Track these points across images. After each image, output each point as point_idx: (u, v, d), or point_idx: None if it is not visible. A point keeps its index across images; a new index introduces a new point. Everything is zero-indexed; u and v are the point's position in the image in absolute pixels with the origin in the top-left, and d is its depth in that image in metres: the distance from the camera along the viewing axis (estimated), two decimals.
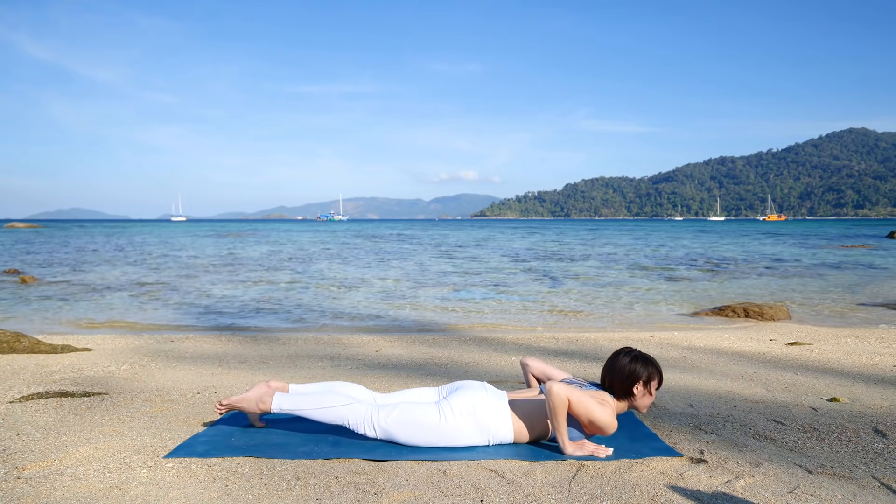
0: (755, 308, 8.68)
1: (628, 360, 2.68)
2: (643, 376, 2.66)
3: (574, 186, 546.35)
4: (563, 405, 2.47)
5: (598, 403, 2.56)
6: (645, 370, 2.67)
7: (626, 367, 2.66)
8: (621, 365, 2.68)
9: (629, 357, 2.69)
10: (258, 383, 2.90)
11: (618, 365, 2.69)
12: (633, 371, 2.66)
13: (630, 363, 2.67)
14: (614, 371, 2.69)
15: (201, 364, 4.79)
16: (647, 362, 2.68)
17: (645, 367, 2.67)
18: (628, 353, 2.71)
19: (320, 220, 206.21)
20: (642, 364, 2.67)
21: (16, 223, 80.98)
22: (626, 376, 2.66)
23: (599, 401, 2.59)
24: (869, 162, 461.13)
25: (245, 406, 2.68)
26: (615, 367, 2.69)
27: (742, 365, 4.82)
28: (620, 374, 2.67)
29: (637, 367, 2.66)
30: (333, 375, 4.33)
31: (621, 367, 2.67)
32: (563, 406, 2.47)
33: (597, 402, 2.55)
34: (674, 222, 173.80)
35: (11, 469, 2.32)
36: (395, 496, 2.11)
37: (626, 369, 2.66)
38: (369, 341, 6.23)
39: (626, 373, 2.66)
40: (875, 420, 3.02)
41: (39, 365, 4.55)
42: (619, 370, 2.67)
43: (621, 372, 2.67)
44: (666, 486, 2.20)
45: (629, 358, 2.69)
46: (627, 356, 2.69)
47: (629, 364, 2.67)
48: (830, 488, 2.19)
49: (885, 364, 4.83)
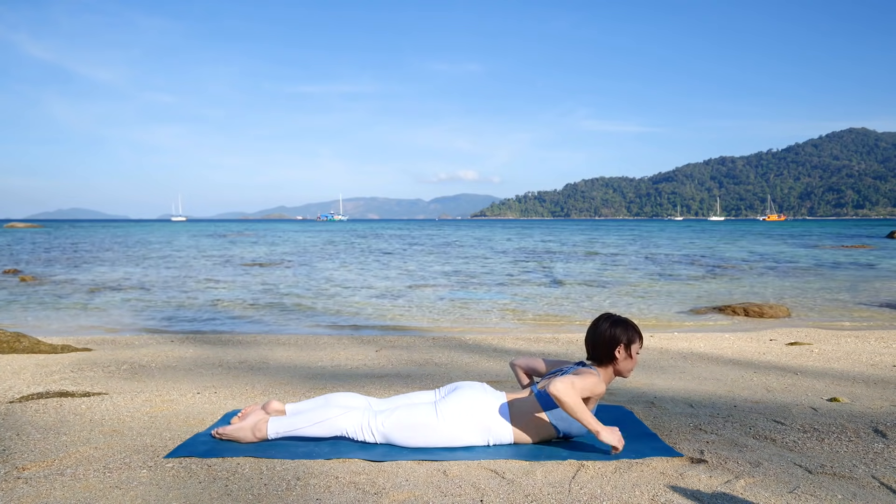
0: (755, 308, 8.68)
1: (608, 325, 2.71)
2: (623, 339, 2.69)
3: (574, 186, 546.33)
4: (576, 402, 2.49)
5: (586, 379, 2.58)
6: (625, 333, 2.70)
7: (607, 332, 2.70)
8: (601, 330, 2.71)
9: (608, 322, 2.72)
10: (253, 407, 2.86)
11: (598, 331, 2.72)
12: (613, 335, 2.69)
13: (610, 328, 2.70)
14: (596, 337, 2.72)
15: (201, 364, 4.79)
16: (626, 326, 2.72)
17: (625, 331, 2.70)
18: (608, 318, 2.75)
19: (320, 220, 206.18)
20: (622, 328, 2.70)
21: (16, 223, 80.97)
22: (608, 341, 2.69)
23: (585, 375, 2.61)
24: (869, 162, 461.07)
25: (241, 436, 2.63)
26: (596, 334, 2.72)
27: (742, 365, 4.81)
28: (602, 339, 2.70)
29: (617, 330, 2.69)
30: (333, 376, 4.33)
31: (602, 333, 2.70)
32: (577, 402, 2.49)
33: (586, 379, 2.57)
34: (674, 222, 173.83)
35: (11, 469, 2.32)
36: (395, 496, 2.11)
37: (606, 334, 2.69)
38: (369, 341, 6.23)
39: (607, 337, 2.69)
40: (875, 420, 3.02)
41: (39, 365, 4.55)
42: (600, 336, 2.71)
43: (602, 337, 2.70)
44: (666, 486, 2.20)
45: (608, 323, 2.72)
46: (607, 321, 2.73)
47: (609, 329, 2.70)
48: (830, 488, 2.19)
49: (885, 364, 4.83)
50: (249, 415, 2.75)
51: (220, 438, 2.65)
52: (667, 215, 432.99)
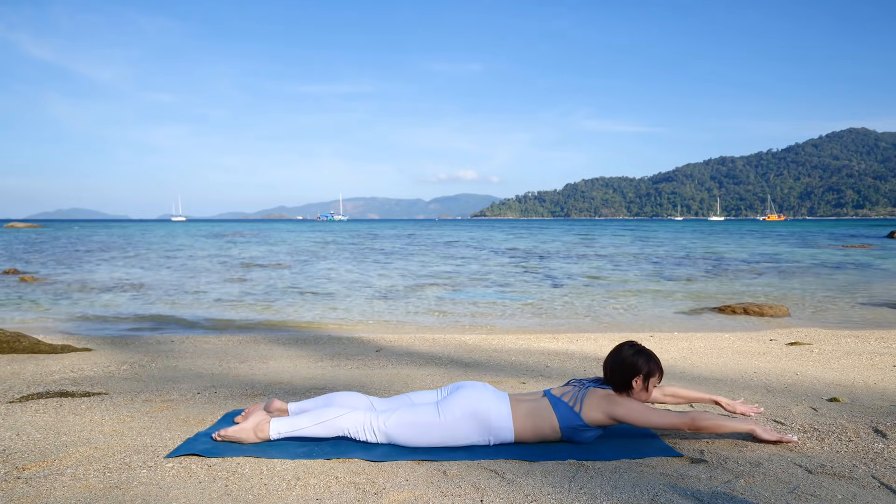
0: (755, 308, 8.68)
1: (631, 353, 2.68)
2: (643, 370, 2.67)
3: (574, 186, 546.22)
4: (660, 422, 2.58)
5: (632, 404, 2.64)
6: (646, 365, 2.67)
7: (628, 360, 2.67)
8: (623, 357, 2.68)
9: (632, 350, 2.70)
10: (255, 407, 2.85)
11: (620, 357, 2.69)
12: (634, 364, 2.66)
13: (633, 356, 2.67)
14: (615, 363, 2.69)
15: (202, 364, 4.79)
16: (649, 358, 2.69)
17: (647, 363, 2.68)
18: (632, 346, 2.72)
19: (320, 220, 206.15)
20: (644, 359, 2.68)
21: (16, 223, 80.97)
22: (627, 368, 2.66)
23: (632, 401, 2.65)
24: (869, 162, 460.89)
25: (244, 437, 2.61)
26: (617, 359, 2.69)
27: (742, 365, 4.81)
28: (621, 366, 2.67)
29: (639, 360, 2.67)
30: (333, 375, 4.33)
31: (623, 360, 2.68)
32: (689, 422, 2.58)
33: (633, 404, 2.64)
34: (674, 222, 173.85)
35: (11, 469, 2.32)
36: (395, 496, 2.11)
37: (627, 361, 2.67)
38: (369, 341, 6.23)
39: (627, 365, 2.67)
40: (875, 420, 3.02)
41: (39, 365, 4.55)
42: (621, 362, 2.68)
43: (622, 364, 2.67)
44: (666, 486, 2.20)
45: (632, 351, 2.69)
46: (631, 349, 2.70)
47: (631, 357, 2.67)
48: (830, 488, 2.19)
49: (885, 364, 4.83)
50: (251, 414, 2.75)
51: (223, 441, 2.64)
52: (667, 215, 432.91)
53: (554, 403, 2.64)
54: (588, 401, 2.62)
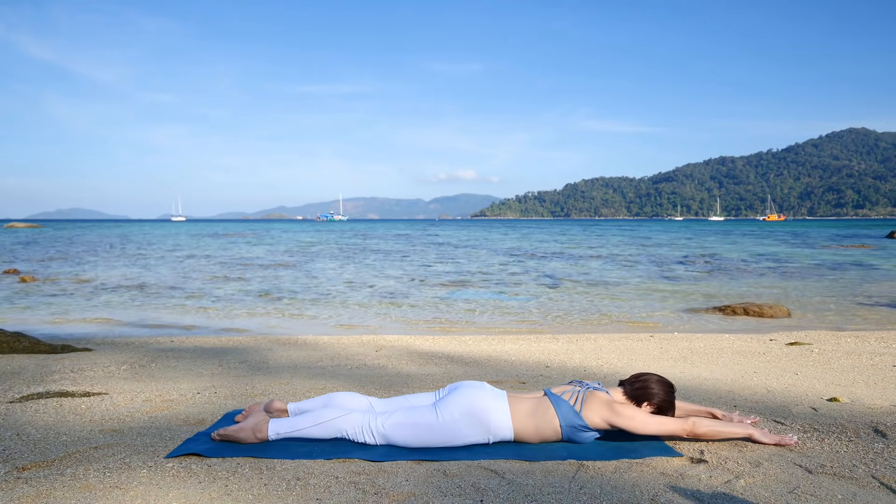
0: (755, 308, 8.68)
1: (656, 380, 2.76)
2: (656, 399, 2.72)
3: (574, 186, 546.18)
4: (669, 430, 2.60)
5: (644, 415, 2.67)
6: (664, 397, 2.73)
7: (651, 383, 2.74)
8: (648, 381, 2.76)
9: (659, 382, 2.76)
10: (255, 407, 2.85)
11: (646, 379, 2.77)
12: (653, 390, 2.73)
13: (657, 384, 2.74)
14: (640, 380, 2.77)
15: (201, 364, 4.79)
16: (669, 391, 2.75)
17: (667, 394, 2.74)
18: (660, 378, 2.79)
19: (320, 220, 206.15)
20: (665, 391, 2.74)
21: (16, 223, 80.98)
22: (645, 389, 2.73)
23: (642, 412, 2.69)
24: (869, 162, 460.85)
25: (242, 437, 2.62)
26: (643, 378, 2.77)
27: (742, 365, 4.81)
28: (642, 384, 2.74)
29: (660, 389, 2.73)
30: (333, 375, 4.33)
31: (646, 380, 2.76)
32: (689, 428, 2.61)
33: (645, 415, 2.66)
34: (674, 222, 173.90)
35: (11, 469, 2.32)
36: (395, 496, 2.11)
37: (649, 383, 2.74)
38: (369, 341, 6.23)
39: (647, 386, 2.74)
40: (875, 420, 3.02)
41: (39, 365, 4.55)
42: (644, 381, 2.75)
43: (644, 383, 2.75)
44: (666, 486, 2.20)
45: (658, 382, 2.76)
46: (658, 381, 2.77)
47: (655, 384, 2.74)
48: (830, 488, 2.19)
49: (885, 364, 4.83)
50: (251, 414, 2.75)
51: (221, 440, 2.64)
52: (667, 215, 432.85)
53: (555, 402, 2.65)
54: (589, 402, 2.63)
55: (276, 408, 2.84)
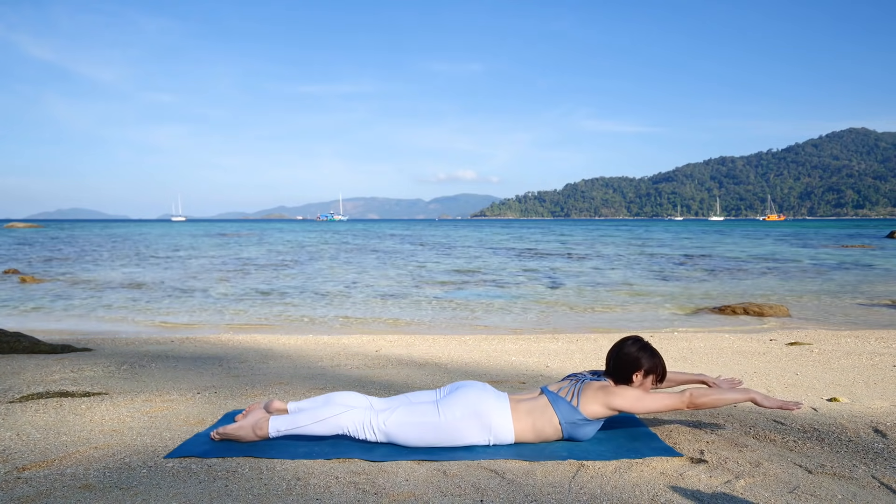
0: (755, 308, 8.68)
1: (635, 349, 2.69)
2: (645, 366, 2.68)
3: (574, 186, 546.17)
4: (658, 405, 2.59)
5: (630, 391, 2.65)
6: (649, 361, 2.68)
7: (632, 355, 2.68)
8: (627, 351, 2.69)
9: (636, 346, 2.70)
10: (255, 406, 2.84)
11: (623, 350, 2.70)
12: (637, 359, 2.67)
13: (637, 351, 2.68)
14: (618, 357, 2.70)
15: (201, 364, 4.79)
16: (652, 354, 2.70)
17: (650, 359, 2.69)
18: (636, 341, 2.72)
19: (320, 220, 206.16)
20: (648, 355, 2.69)
21: (16, 223, 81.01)
22: (630, 363, 2.67)
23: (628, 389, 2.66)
24: (869, 162, 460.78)
25: (242, 435, 2.62)
26: (620, 353, 2.70)
27: (742, 365, 4.81)
28: (625, 359, 2.68)
29: (642, 356, 2.68)
30: (333, 375, 4.33)
31: (626, 354, 2.69)
32: (659, 404, 2.59)
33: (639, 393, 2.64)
34: (674, 222, 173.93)
35: (11, 469, 2.32)
36: (395, 496, 2.11)
37: (630, 356, 2.68)
38: (369, 341, 6.23)
39: (630, 359, 2.67)
40: (875, 420, 3.02)
41: (39, 365, 4.55)
42: (624, 356, 2.69)
43: (625, 358, 2.68)
44: (666, 486, 2.20)
45: (636, 346, 2.70)
46: (635, 345, 2.70)
47: (635, 352, 2.68)
48: (830, 488, 2.19)
49: (885, 364, 4.83)
50: (251, 413, 2.75)
51: (221, 439, 2.64)
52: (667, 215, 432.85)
53: (552, 400, 2.65)
54: (585, 394, 2.62)
55: (275, 408, 2.84)
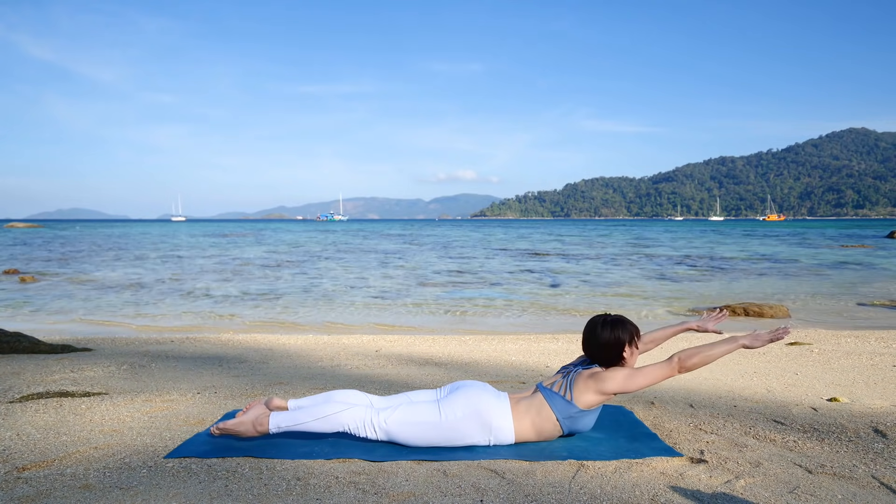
0: (755, 308, 8.68)
1: (609, 330, 2.67)
2: (626, 339, 2.67)
3: (574, 186, 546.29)
4: (645, 380, 2.58)
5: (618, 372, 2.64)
6: (626, 332, 2.68)
7: (610, 337, 2.66)
8: (603, 337, 2.67)
9: (607, 327, 2.68)
10: (255, 403, 2.85)
11: (600, 338, 2.68)
12: (617, 338, 2.66)
13: (611, 332, 2.67)
14: (599, 345, 2.68)
15: (201, 364, 4.79)
16: (624, 324, 2.69)
17: (625, 329, 2.68)
18: (603, 321, 2.71)
19: (320, 220, 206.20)
20: (621, 327, 2.68)
21: (16, 223, 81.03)
22: (613, 345, 2.66)
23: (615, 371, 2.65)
24: (869, 162, 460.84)
25: (242, 430, 2.62)
26: (598, 342, 2.68)
27: (742, 365, 4.82)
28: (606, 345, 2.67)
29: (619, 332, 2.67)
30: (333, 375, 4.33)
31: (605, 340, 2.67)
32: (644, 379, 2.58)
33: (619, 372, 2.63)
34: (674, 222, 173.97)
35: (11, 469, 2.32)
36: (395, 496, 2.11)
37: (610, 339, 2.66)
38: (369, 341, 6.23)
39: (612, 342, 2.66)
40: (875, 420, 3.02)
41: (39, 365, 4.55)
42: (604, 343, 2.67)
43: (606, 343, 2.67)
44: (666, 486, 2.20)
45: (608, 328, 2.68)
46: (605, 326, 2.69)
47: (611, 333, 2.67)
48: (830, 488, 2.19)
49: (885, 364, 4.83)
50: (251, 409, 2.75)
51: (220, 434, 2.64)
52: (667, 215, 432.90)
53: (547, 396, 2.65)
54: (577, 386, 2.62)
55: (276, 405, 2.84)
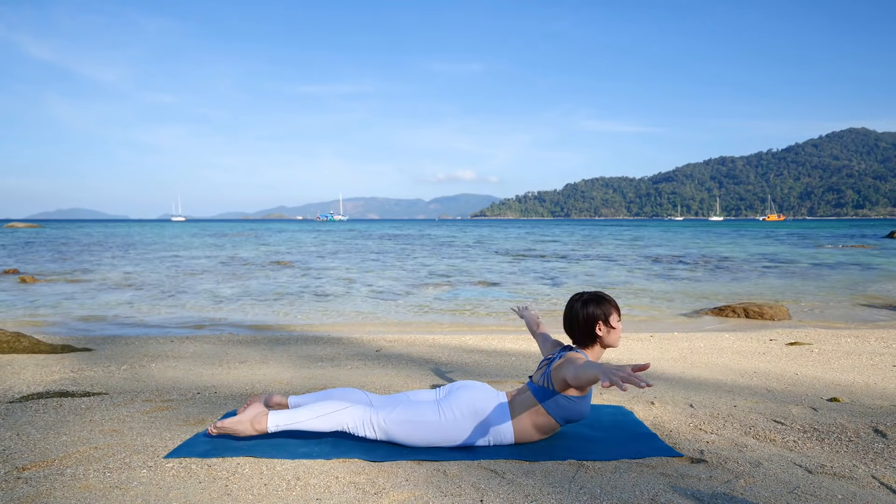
0: (755, 308, 8.67)
1: (581, 306, 2.67)
2: (600, 315, 2.66)
3: (574, 186, 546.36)
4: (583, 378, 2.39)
5: (578, 359, 2.53)
6: (599, 308, 2.66)
7: (581, 314, 2.66)
8: (576, 313, 2.68)
9: (581, 302, 2.68)
10: (254, 401, 2.82)
11: (574, 315, 2.68)
12: (589, 314, 2.65)
13: (583, 308, 2.67)
14: (573, 322, 2.69)
15: (201, 364, 4.79)
16: (598, 300, 2.68)
17: (598, 306, 2.67)
18: (579, 298, 2.71)
19: (320, 220, 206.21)
20: (594, 304, 2.67)
21: (16, 223, 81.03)
22: (585, 322, 2.66)
23: (576, 358, 2.55)
24: (869, 162, 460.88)
25: (240, 429, 2.60)
26: (573, 318, 2.69)
27: (742, 365, 4.81)
28: (579, 322, 2.67)
29: (591, 308, 2.66)
30: (333, 375, 4.33)
31: (577, 316, 2.67)
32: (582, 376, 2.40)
33: (578, 360, 2.51)
34: (674, 222, 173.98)
35: (11, 469, 2.32)
36: (395, 496, 2.11)
37: (581, 315, 2.66)
38: (369, 341, 6.23)
39: (584, 318, 2.66)
40: (875, 420, 3.02)
41: (39, 365, 4.55)
42: (577, 319, 2.67)
43: (579, 320, 2.67)
44: (666, 486, 2.20)
45: (581, 303, 2.68)
46: (579, 302, 2.69)
47: (583, 309, 2.67)
48: (830, 488, 2.19)
49: (885, 364, 4.83)
50: (250, 407, 2.74)
51: (218, 433, 2.63)
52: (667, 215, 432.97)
53: (533, 390, 2.65)
54: (555, 376, 2.59)
55: (275, 402, 2.84)
